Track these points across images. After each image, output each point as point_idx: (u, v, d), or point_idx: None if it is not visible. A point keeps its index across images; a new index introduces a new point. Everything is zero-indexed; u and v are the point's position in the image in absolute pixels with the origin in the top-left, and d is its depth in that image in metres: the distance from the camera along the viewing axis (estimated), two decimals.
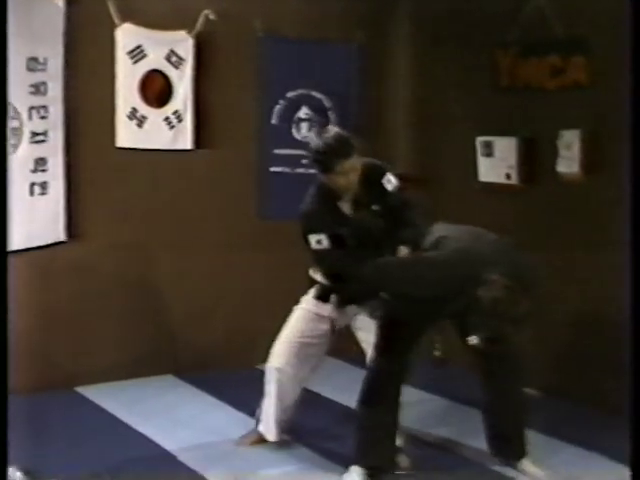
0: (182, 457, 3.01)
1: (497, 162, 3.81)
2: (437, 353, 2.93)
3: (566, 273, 3.65)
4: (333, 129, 2.99)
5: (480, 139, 3.88)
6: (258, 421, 3.13)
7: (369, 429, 2.83)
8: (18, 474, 2.79)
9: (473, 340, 2.60)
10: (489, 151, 3.85)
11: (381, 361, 2.82)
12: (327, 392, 3.78)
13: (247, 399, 3.63)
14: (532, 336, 3.76)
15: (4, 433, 2.01)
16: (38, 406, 3.34)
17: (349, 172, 2.78)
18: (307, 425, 3.30)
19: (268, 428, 3.07)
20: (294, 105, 4.26)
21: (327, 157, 2.78)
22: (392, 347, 2.81)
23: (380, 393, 2.83)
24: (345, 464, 2.87)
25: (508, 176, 3.75)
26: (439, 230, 2.75)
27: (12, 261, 3.52)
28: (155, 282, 3.98)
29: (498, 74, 3.83)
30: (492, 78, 3.86)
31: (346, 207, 2.87)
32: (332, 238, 2.79)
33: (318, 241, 2.79)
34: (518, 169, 3.72)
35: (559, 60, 3.55)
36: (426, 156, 4.31)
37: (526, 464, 2.91)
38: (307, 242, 2.83)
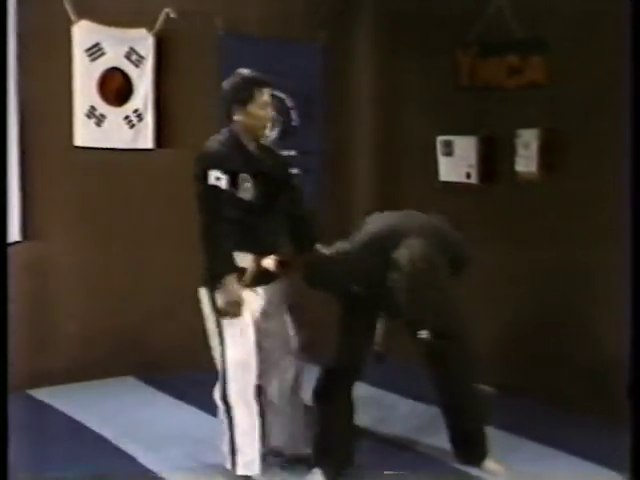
0: (143, 459, 2.98)
1: (457, 161, 3.83)
2: (377, 347, 2.88)
3: (526, 271, 3.69)
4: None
5: (440, 138, 3.91)
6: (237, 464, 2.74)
7: (326, 428, 2.82)
8: None
9: (422, 335, 2.62)
10: (449, 150, 3.87)
11: (332, 358, 2.81)
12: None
13: (209, 400, 3.61)
14: (493, 334, 3.82)
15: (4, 433, 1.98)
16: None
17: (267, 105, 2.71)
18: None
19: (252, 462, 2.77)
20: None
21: (247, 85, 2.70)
22: (342, 344, 2.80)
23: (332, 391, 2.81)
24: (308, 465, 2.85)
25: (468, 175, 3.78)
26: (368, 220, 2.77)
27: None
28: (114, 282, 3.93)
29: (458, 74, 3.86)
30: (452, 78, 3.89)
31: (255, 151, 2.75)
32: (232, 181, 2.61)
33: (217, 178, 2.61)
34: (478, 168, 3.75)
35: (517, 60, 3.59)
36: (387, 155, 4.33)
37: (487, 461, 2.93)
38: (203, 179, 2.63)
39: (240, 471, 2.76)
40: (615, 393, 2.51)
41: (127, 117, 3.89)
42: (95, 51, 3.78)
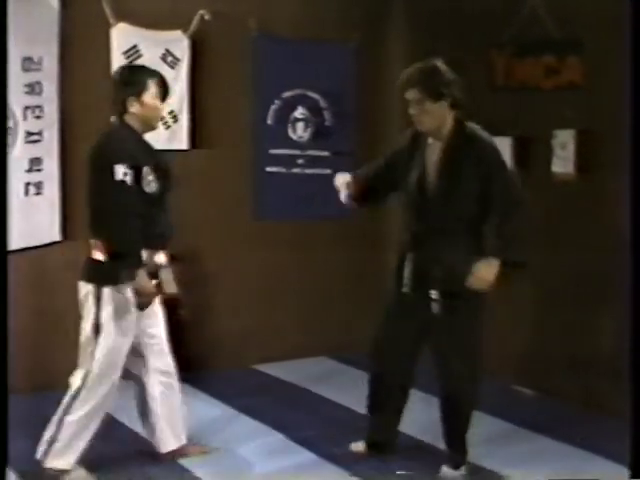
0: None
1: None
2: (405, 288, 2.76)
3: (561, 273, 3.67)
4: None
5: None
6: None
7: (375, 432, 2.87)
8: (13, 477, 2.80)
9: (433, 295, 2.59)
10: None
11: (378, 362, 2.82)
12: (326, 392, 3.80)
13: (242, 398, 3.65)
14: (527, 337, 3.80)
15: (4, 433, 2.00)
16: (36, 405, 3.34)
17: (158, 96, 2.73)
18: (304, 425, 3.33)
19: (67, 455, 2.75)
20: (290, 105, 4.26)
21: (142, 76, 2.70)
22: (388, 344, 2.78)
23: (384, 402, 2.83)
24: (341, 464, 2.88)
25: None
26: None
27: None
28: None
29: (493, 74, 3.84)
30: (487, 78, 3.87)
31: (150, 143, 2.76)
32: (136, 176, 2.58)
33: (125, 173, 2.55)
34: (513, 169, 3.73)
35: (554, 60, 3.57)
36: None
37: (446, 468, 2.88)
38: (109, 173, 2.55)
39: (50, 463, 2.72)
40: None
41: (162, 118, 3.93)
42: (132, 53, 3.82)
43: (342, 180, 2.85)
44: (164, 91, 2.78)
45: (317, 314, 4.31)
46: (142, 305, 2.70)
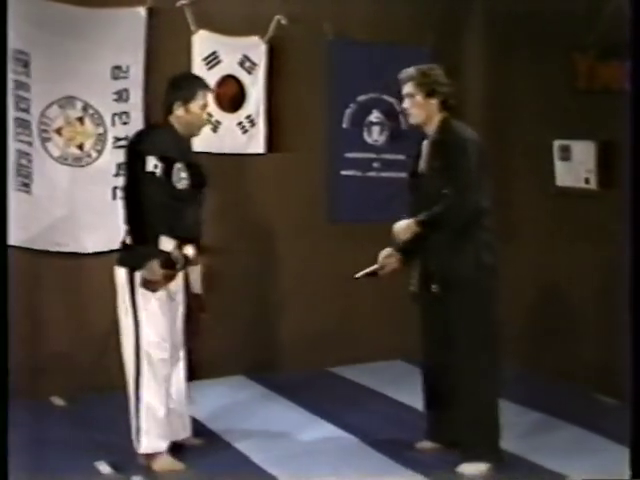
0: (254, 457, 3.04)
1: (575, 166, 3.75)
2: (412, 288, 2.99)
3: None
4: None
5: (557, 142, 3.82)
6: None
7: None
8: (107, 468, 2.90)
9: (434, 289, 2.82)
10: (566, 155, 3.78)
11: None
12: (400, 396, 3.79)
13: (317, 400, 3.68)
14: (608, 344, 3.70)
15: (4, 434, 2.01)
16: (121, 404, 3.43)
17: (205, 107, 2.88)
18: (378, 429, 3.34)
19: (157, 442, 2.89)
20: (365, 109, 4.27)
21: (193, 85, 2.87)
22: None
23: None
24: (419, 470, 2.88)
25: (587, 180, 3.68)
26: None
27: (95, 263, 3.66)
28: (225, 283, 4.01)
29: (576, 77, 3.76)
30: (569, 81, 3.80)
31: (188, 145, 2.95)
32: (166, 170, 2.74)
33: (156, 165, 2.71)
34: (597, 173, 3.65)
35: None
36: (500, 160, 4.25)
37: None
38: (141, 163, 2.70)
39: (143, 450, 2.84)
40: None
41: (240, 123, 4.00)
42: (212, 59, 3.90)
43: None
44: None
45: (392, 317, 4.30)
46: (147, 288, 2.78)
